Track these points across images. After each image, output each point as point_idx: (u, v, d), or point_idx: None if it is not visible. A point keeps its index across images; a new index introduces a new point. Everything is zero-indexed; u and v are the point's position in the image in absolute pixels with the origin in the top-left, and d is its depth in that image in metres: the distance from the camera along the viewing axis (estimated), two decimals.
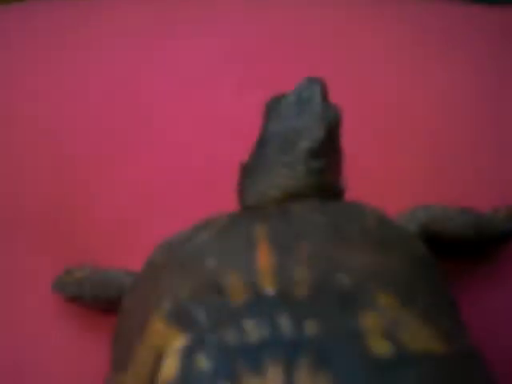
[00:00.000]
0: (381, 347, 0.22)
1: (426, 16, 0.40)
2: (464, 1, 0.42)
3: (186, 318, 0.23)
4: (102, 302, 0.31)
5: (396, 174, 0.35)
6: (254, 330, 0.22)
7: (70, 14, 0.45)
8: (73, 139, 0.39)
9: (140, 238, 0.35)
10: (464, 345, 0.24)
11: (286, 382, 0.21)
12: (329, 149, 0.29)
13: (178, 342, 0.22)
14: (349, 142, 0.33)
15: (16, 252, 0.35)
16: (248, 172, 0.29)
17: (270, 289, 0.23)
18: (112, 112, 0.39)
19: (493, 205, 0.32)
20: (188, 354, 0.22)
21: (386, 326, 0.23)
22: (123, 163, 0.37)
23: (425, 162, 0.34)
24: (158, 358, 0.23)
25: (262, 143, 0.29)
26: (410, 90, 0.37)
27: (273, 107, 0.30)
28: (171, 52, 0.41)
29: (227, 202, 0.33)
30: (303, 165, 0.28)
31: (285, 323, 0.22)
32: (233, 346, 0.22)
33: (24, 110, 0.39)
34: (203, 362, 0.22)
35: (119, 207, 0.36)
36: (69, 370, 0.31)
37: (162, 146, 0.38)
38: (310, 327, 0.22)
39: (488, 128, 0.35)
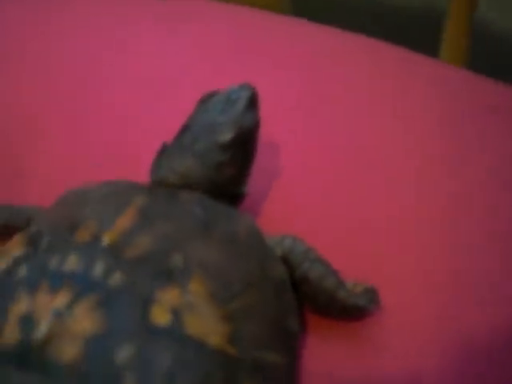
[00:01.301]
0: (160, 317, 0.24)
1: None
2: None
3: (35, 238, 0.27)
4: (11, 229, 0.33)
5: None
6: (72, 262, 0.26)
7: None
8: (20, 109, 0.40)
9: None
10: (249, 359, 0.25)
11: (67, 306, 0.24)
12: (236, 151, 0.31)
13: (17, 250, 0.27)
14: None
15: None
16: (163, 153, 0.31)
17: (106, 240, 0.26)
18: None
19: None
20: (17, 261, 0.26)
21: (179, 305, 0.25)
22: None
23: None
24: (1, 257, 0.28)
25: (183, 130, 0.32)
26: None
27: (204, 101, 0.33)
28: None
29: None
30: (205, 158, 0.31)
31: (98, 267, 0.25)
32: (50, 267, 0.25)
33: None
34: (23, 270, 0.26)
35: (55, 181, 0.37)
36: None
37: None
38: (115, 278, 0.25)
39: None
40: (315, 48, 0.43)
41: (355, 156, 0.37)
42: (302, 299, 0.30)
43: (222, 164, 0.31)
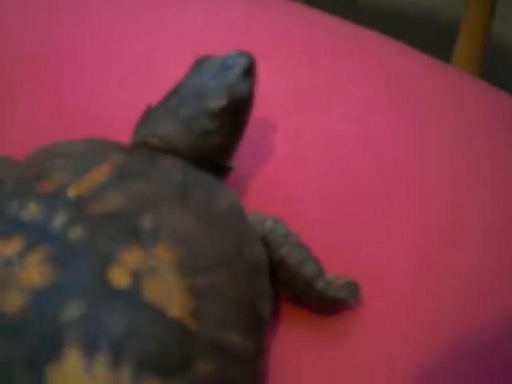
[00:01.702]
0: (118, 278, 0.22)
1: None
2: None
3: (2, 184, 0.25)
4: None
5: None
6: (31, 210, 0.23)
7: None
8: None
9: None
10: (210, 338, 0.23)
11: (19, 253, 0.22)
12: (226, 120, 0.29)
13: None
14: None
15: None
16: (148, 114, 0.29)
17: (73, 192, 0.24)
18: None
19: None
20: None
21: (142, 268, 0.22)
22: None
23: None
24: None
25: (173, 91, 0.30)
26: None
27: (199, 64, 0.30)
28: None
29: None
30: (192, 124, 0.28)
31: (59, 219, 0.23)
32: (7, 213, 0.23)
33: None
34: None
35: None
36: None
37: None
38: (75, 232, 0.23)
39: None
40: (320, 36, 0.41)
41: (352, 148, 0.35)
42: (278, 284, 0.28)
43: (209, 132, 0.29)
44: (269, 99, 0.37)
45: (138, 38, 0.40)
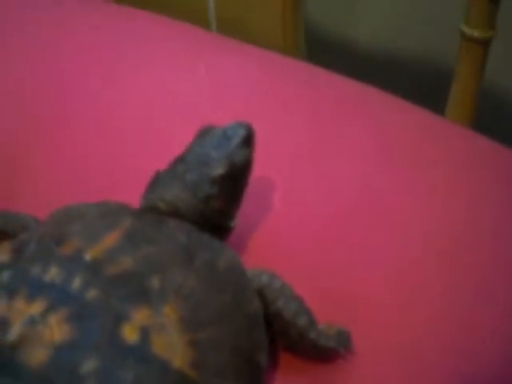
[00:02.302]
0: (128, 334, 0.25)
1: None
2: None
3: (22, 246, 0.29)
4: (5, 235, 0.34)
5: None
6: (52, 273, 0.27)
7: None
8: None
9: None
10: None
11: (42, 313, 0.26)
12: (226, 185, 0.32)
13: (2, 256, 0.28)
14: None
15: None
16: (156, 179, 0.33)
17: (89, 255, 0.27)
18: None
19: None
20: (1, 267, 0.28)
21: (149, 325, 0.26)
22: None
23: None
24: None
25: (180, 158, 0.33)
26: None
27: (202, 133, 0.34)
28: None
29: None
30: (195, 189, 0.32)
31: (77, 281, 0.26)
32: (31, 275, 0.27)
33: None
34: (5, 276, 0.27)
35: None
36: None
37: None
38: (91, 293, 0.26)
39: None
40: (323, 94, 0.44)
41: (351, 202, 0.38)
42: (275, 334, 0.31)
43: (211, 197, 0.32)
44: (270, 156, 0.40)
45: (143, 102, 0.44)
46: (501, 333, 0.32)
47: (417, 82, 0.87)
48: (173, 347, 0.25)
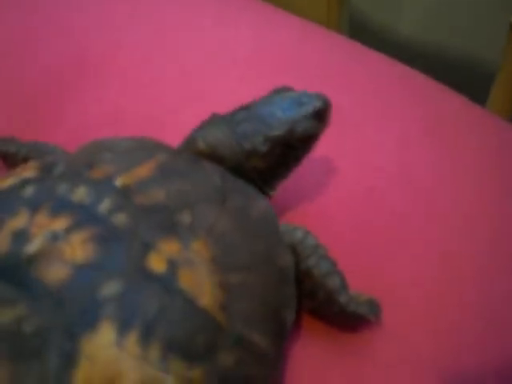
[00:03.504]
0: (155, 264, 0.23)
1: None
2: None
3: (50, 166, 0.27)
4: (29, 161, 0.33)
5: None
6: (80, 193, 0.25)
7: None
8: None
9: None
10: (235, 332, 0.24)
11: (66, 230, 0.23)
12: (275, 150, 0.30)
13: (28, 173, 0.26)
14: None
15: None
16: (208, 120, 0.30)
17: (120, 181, 0.25)
18: None
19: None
20: (26, 181, 0.26)
21: (178, 258, 0.24)
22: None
23: None
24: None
25: (244, 108, 0.31)
26: None
27: (276, 92, 0.31)
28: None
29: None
30: (242, 140, 0.29)
31: (105, 203, 0.24)
32: (57, 193, 0.25)
33: None
34: (30, 190, 0.25)
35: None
36: None
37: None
38: (119, 217, 0.24)
39: None
40: (363, 71, 0.43)
41: (387, 179, 0.36)
42: (301, 295, 0.29)
43: (256, 153, 0.29)
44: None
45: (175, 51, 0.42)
46: None
47: (457, 76, 0.86)
48: (201, 285, 0.23)
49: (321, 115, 0.30)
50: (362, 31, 0.90)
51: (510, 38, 0.49)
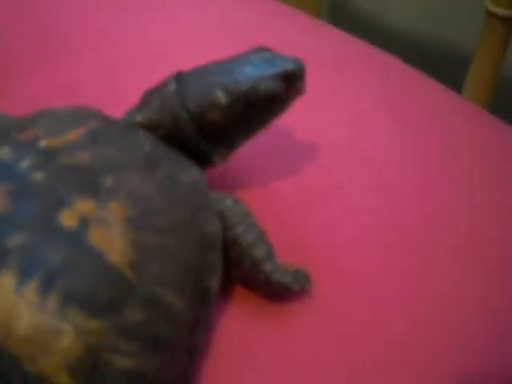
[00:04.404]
0: (66, 219, 0.24)
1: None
2: None
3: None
4: None
5: None
6: (3, 152, 0.26)
7: None
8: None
9: None
10: (145, 290, 0.24)
11: None
12: (239, 106, 0.29)
13: None
14: None
15: None
16: (156, 87, 0.30)
17: (44, 143, 0.26)
18: None
19: None
20: None
21: (91, 216, 0.24)
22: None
23: None
24: None
25: (218, 63, 0.30)
26: None
27: (255, 51, 0.31)
28: None
29: None
30: (207, 88, 0.29)
31: (26, 162, 0.25)
32: None
33: None
34: None
35: None
36: None
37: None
38: (37, 175, 0.25)
39: None
40: (339, 52, 0.43)
41: (340, 155, 0.36)
42: (229, 264, 0.29)
43: (217, 105, 0.29)
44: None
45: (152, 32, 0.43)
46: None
47: (437, 62, 0.85)
48: (111, 241, 0.24)
49: (290, 78, 0.29)
50: (342, 15, 0.90)
51: (486, 24, 0.49)
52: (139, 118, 0.30)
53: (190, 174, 0.28)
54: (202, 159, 0.31)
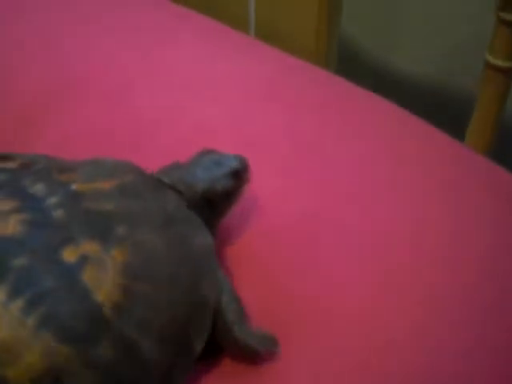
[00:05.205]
0: (68, 255, 0.27)
1: None
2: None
3: (31, 165, 0.31)
4: None
5: None
6: (38, 188, 0.29)
7: None
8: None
9: None
10: (120, 332, 0.27)
11: (8, 211, 0.28)
12: (204, 206, 0.33)
13: (11, 164, 0.31)
14: None
15: None
16: (172, 166, 0.35)
17: (76, 187, 0.30)
18: None
19: None
20: (2, 170, 0.30)
21: (91, 256, 0.27)
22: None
23: None
24: None
25: (177, 167, 0.34)
26: None
27: (203, 154, 0.35)
28: None
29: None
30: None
31: (53, 200, 0.29)
32: (19, 184, 0.29)
33: None
34: (1, 176, 0.30)
35: None
36: None
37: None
38: (58, 212, 0.28)
39: None
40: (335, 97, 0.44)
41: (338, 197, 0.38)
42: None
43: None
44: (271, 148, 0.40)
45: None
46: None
47: (439, 110, 0.87)
48: (102, 282, 0.27)
49: (238, 174, 0.34)
50: (352, 60, 0.92)
51: (485, 74, 0.50)
52: (167, 180, 0.33)
53: (203, 238, 0.31)
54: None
